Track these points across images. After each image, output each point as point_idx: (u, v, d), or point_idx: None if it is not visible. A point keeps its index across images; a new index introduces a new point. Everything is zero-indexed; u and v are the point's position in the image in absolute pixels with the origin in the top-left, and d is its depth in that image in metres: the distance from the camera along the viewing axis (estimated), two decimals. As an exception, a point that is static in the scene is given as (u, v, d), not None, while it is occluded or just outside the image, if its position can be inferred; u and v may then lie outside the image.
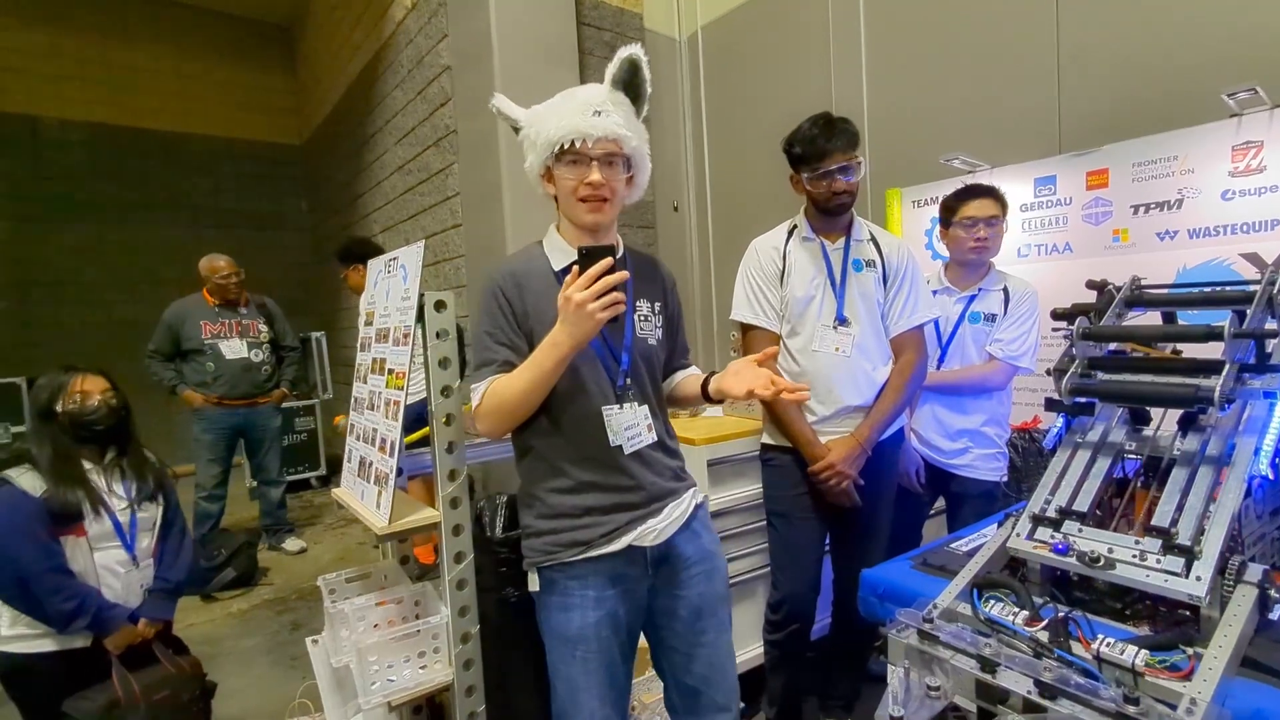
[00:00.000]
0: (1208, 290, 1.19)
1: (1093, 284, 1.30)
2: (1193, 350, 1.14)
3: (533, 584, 1.25)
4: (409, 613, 1.48)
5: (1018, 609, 0.94)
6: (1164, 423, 1.14)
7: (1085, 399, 1.15)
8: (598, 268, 1.06)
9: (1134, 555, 0.93)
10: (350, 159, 5.62)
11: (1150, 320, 1.28)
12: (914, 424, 2.10)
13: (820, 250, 1.77)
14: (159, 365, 3.62)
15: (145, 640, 1.79)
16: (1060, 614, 0.91)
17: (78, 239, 6.23)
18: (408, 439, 1.80)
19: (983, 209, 1.97)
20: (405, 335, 1.39)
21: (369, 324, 1.61)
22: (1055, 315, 1.27)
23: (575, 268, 1.08)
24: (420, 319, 1.34)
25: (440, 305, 1.35)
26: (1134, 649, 0.81)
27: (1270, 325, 1.05)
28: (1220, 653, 0.80)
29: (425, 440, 1.65)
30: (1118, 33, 2.17)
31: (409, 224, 4.43)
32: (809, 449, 1.73)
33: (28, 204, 6.03)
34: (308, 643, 1.68)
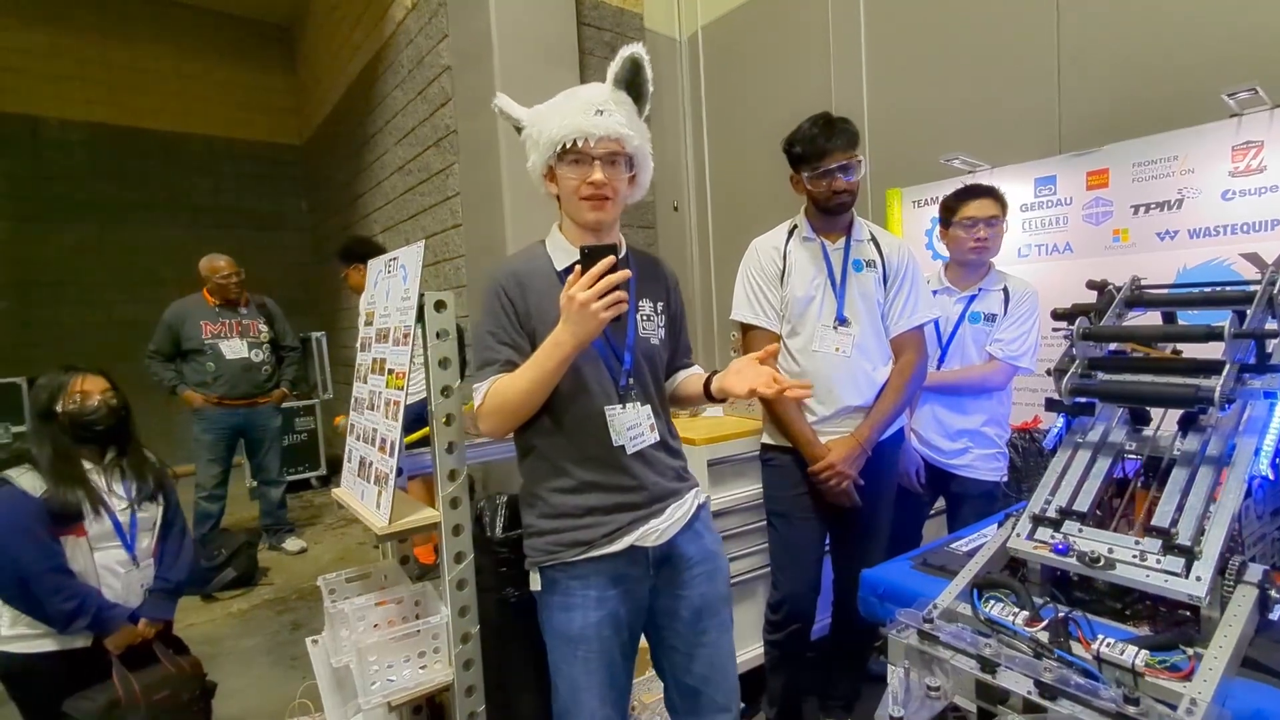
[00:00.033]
0: (1208, 290, 1.19)
1: (1093, 284, 1.30)
2: (1193, 350, 1.14)
3: (534, 584, 1.25)
4: (409, 613, 1.48)
5: (1018, 609, 0.94)
6: (1164, 423, 1.13)
7: (1085, 399, 1.15)
8: (600, 266, 1.06)
9: (1134, 555, 0.93)
10: (350, 159, 5.61)
11: (1150, 320, 1.28)
12: (914, 424, 2.10)
13: (820, 250, 1.78)
14: (159, 365, 3.62)
15: (145, 640, 1.79)
16: (1060, 614, 0.91)
17: (78, 239, 6.24)
18: (408, 439, 1.80)
19: (983, 209, 1.97)
20: (405, 335, 1.39)
21: (369, 324, 1.62)
22: (1055, 315, 1.27)
23: (578, 267, 1.08)
24: (420, 319, 1.34)
25: (440, 305, 1.35)
26: (1134, 649, 0.81)
27: (1270, 325, 1.05)
28: (1220, 653, 0.80)
29: (425, 440, 1.65)
30: (1118, 33, 2.17)
31: (409, 224, 4.43)
32: (809, 449, 1.73)
33: (28, 204, 6.03)
34: (308, 643, 1.68)
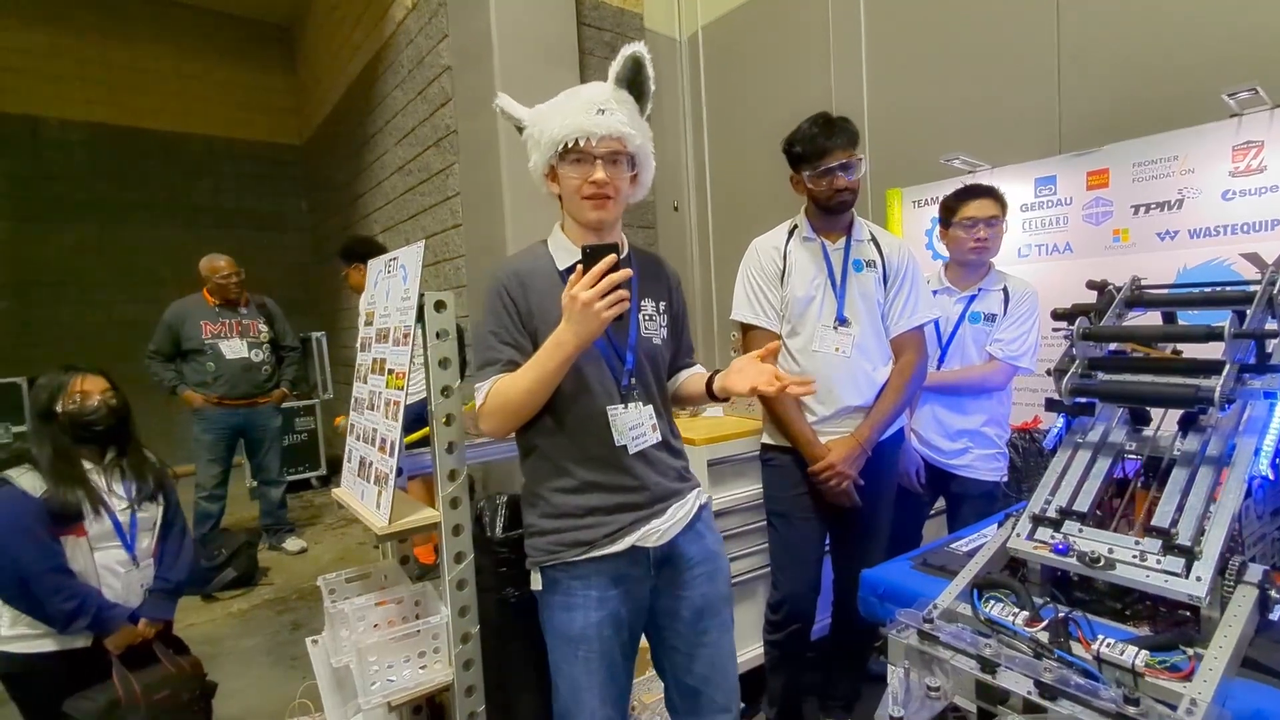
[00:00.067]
0: (1208, 290, 1.19)
1: (1093, 284, 1.30)
2: (1193, 350, 1.14)
3: (535, 583, 1.25)
4: (409, 613, 1.48)
5: (1018, 609, 0.94)
6: (1164, 423, 1.13)
7: (1085, 399, 1.15)
8: (602, 265, 1.05)
9: (1134, 556, 0.93)
10: (350, 159, 5.61)
11: (1150, 320, 1.28)
12: (914, 424, 2.10)
13: (821, 250, 1.77)
14: (159, 365, 3.62)
15: (145, 640, 1.79)
16: (1060, 614, 0.91)
17: (78, 239, 6.23)
18: (408, 439, 1.80)
19: (983, 209, 1.97)
20: (405, 335, 1.39)
21: (369, 324, 1.62)
22: (1055, 315, 1.27)
23: (579, 267, 1.08)
24: (420, 319, 1.34)
25: (440, 305, 1.35)
26: (1134, 649, 0.81)
27: (1270, 325, 1.05)
28: (1220, 653, 0.80)
29: (425, 440, 1.65)
30: (1118, 33, 2.17)
31: (409, 224, 4.43)
32: (809, 449, 1.73)
33: (28, 204, 6.03)
34: (308, 643, 1.68)
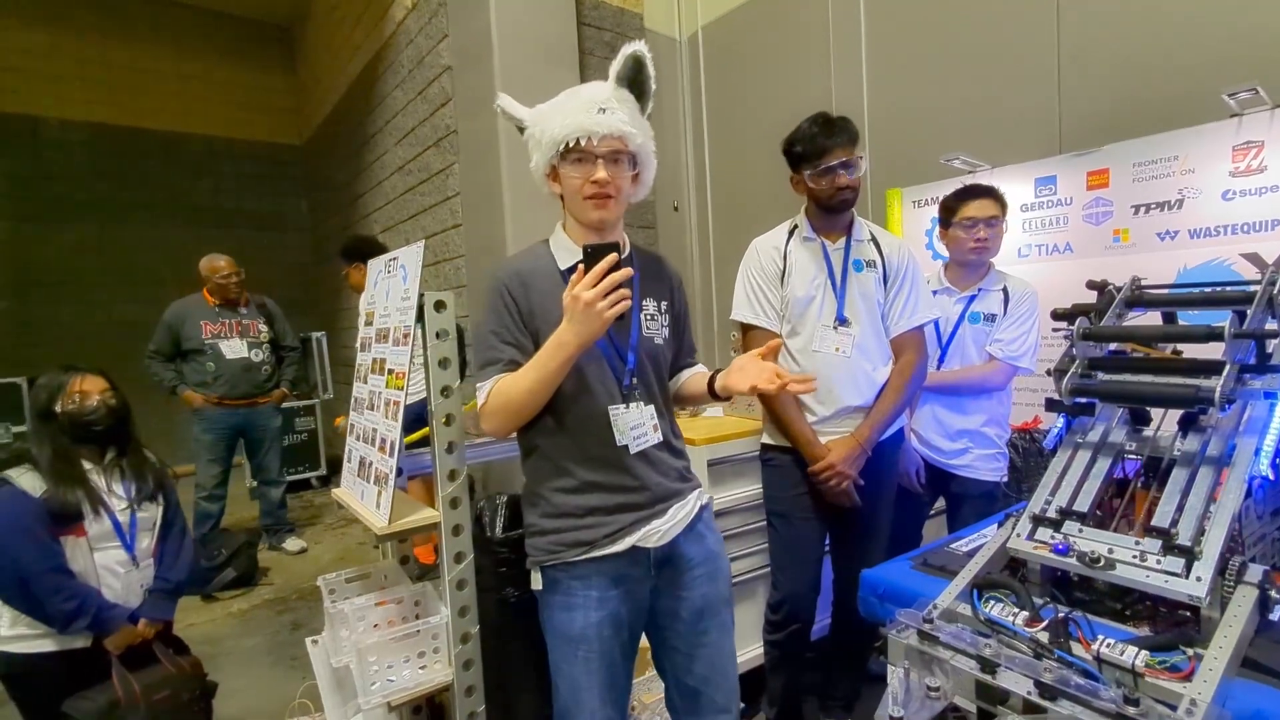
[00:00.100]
0: (1208, 290, 1.19)
1: (1093, 284, 1.30)
2: (1193, 350, 1.14)
3: (536, 583, 1.25)
4: (409, 613, 1.48)
5: (1018, 609, 0.94)
6: (1164, 423, 1.13)
7: (1085, 399, 1.15)
8: (603, 265, 1.05)
9: (1134, 556, 0.93)
10: (350, 159, 5.62)
11: (1150, 320, 1.28)
12: (914, 424, 2.10)
13: (821, 250, 1.77)
14: (159, 365, 3.62)
15: (145, 640, 1.79)
16: (1060, 614, 0.91)
17: (78, 239, 6.24)
18: (407, 439, 1.80)
19: (982, 209, 1.97)
20: (405, 335, 1.39)
21: (369, 324, 1.62)
22: (1055, 315, 1.27)
23: (581, 266, 1.07)
24: (420, 319, 1.34)
25: (440, 305, 1.35)
26: (1134, 650, 0.81)
27: (1270, 325, 1.05)
28: (1220, 653, 0.80)
29: (425, 440, 1.65)
30: (1118, 33, 2.17)
31: (409, 224, 4.43)
32: (809, 449, 1.73)
33: (28, 204, 6.03)
34: (308, 643, 1.68)
